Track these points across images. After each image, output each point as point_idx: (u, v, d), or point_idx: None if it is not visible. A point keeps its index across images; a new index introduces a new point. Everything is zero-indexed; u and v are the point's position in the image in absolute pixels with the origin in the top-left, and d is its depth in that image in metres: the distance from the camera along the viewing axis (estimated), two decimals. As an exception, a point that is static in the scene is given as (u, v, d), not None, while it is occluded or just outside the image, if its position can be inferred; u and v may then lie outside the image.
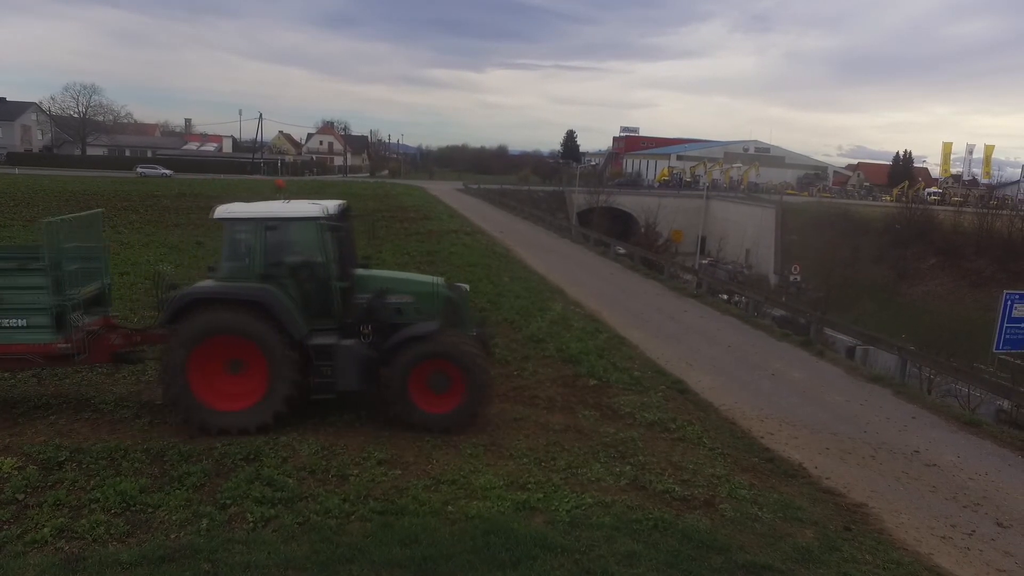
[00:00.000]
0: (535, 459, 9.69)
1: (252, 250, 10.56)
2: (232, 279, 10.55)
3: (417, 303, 11.02)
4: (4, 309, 10.17)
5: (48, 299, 10.18)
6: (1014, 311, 20.47)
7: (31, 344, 10.27)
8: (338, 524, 7.80)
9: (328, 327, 10.69)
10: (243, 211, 11.03)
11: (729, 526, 8.20)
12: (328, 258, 10.65)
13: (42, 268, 10.18)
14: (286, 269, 10.74)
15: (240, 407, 10.18)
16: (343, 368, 10.44)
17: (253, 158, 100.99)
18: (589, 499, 8.54)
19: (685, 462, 9.90)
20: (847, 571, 7.57)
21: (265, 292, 10.21)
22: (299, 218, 11.02)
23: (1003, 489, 10.32)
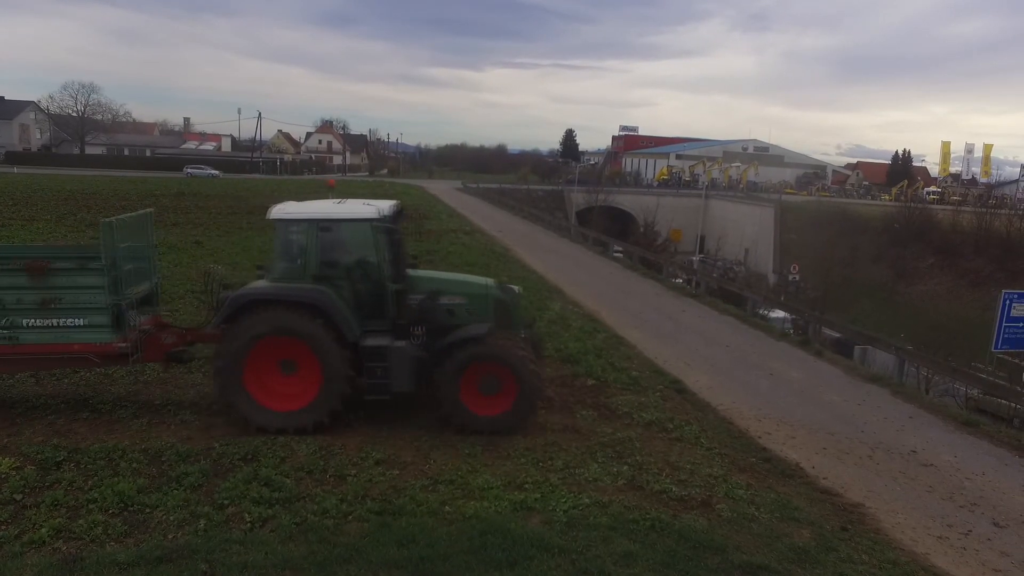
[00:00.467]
0: (533, 459, 9.70)
1: (305, 251, 10.59)
2: (285, 280, 10.59)
3: (468, 304, 11.02)
4: (63, 309, 10.21)
5: (106, 298, 10.23)
6: (1013, 310, 20.47)
7: (89, 343, 10.32)
8: (335, 524, 7.82)
9: (380, 328, 10.67)
10: (297, 212, 11.03)
11: (726, 526, 8.21)
12: (381, 259, 10.68)
13: (101, 268, 10.22)
14: (340, 270, 10.79)
15: (293, 407, 10.25)
16: (396, 369, 10.44)
17: (252, 157, 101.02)
18: (586, 499, 8.55)
19: (682, 462, 9.91)
20: (843, 571, 7.58)
21: (320, 294, 10.25)
22: (353, 219, 11.01)
23: (1000, 489, 10.34)
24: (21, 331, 10.18)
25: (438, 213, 46.60)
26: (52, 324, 10.20)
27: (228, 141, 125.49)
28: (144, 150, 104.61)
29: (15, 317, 10.14)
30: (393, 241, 10.90)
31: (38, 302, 10.13)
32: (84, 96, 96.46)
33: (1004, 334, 20.54)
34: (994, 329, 20.65)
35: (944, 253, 49.14)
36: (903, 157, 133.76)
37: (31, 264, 10.10)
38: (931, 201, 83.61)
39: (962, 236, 50.55)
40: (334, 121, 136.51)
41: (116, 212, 38.64)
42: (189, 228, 32.71)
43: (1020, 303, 20.62)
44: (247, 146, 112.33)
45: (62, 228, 31.56)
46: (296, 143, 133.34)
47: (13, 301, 10.12)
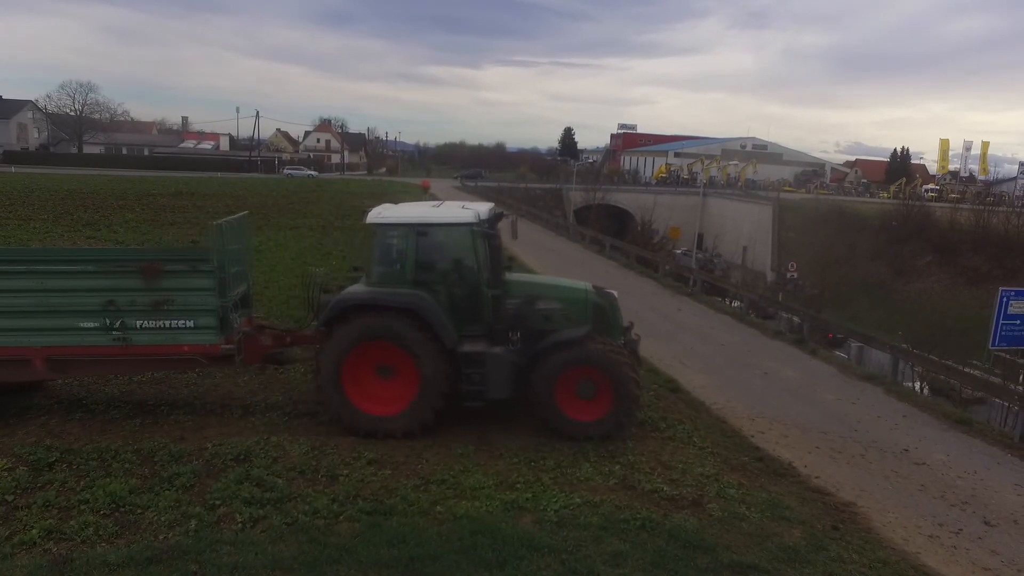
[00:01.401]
0: (525, 458, 9.72)
1: (404, 256, 10.60)
2: (384, 284, 10.60)
3: (565, 309, 10.90)
4: (174, 311, 10.29)
5: (215, 300, 10.34)
6: (1010, 308, 20.44)
7: (198, 345, 10.42)
8: (326, 524, 7.84)
9: (476, 333, 10.62)
10: (395, 216, 10.97)
11: (716, 526, 8.23)
12: (480, 264, 10.63)
13: (211, 270, 10.33)
14: (438, 275, 10.76)
15: (390, 412, 10.30)
16: (493, 376, 10.35)
17: (250, 156, 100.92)
18: (577, 499, 8.57)
19: (674, 461, 9.92)
20: (833, 571, 7.59)
21: (419, 300, 10.22)
22: (452, 223, 10.90)
23: (991, 487, 10.37)
24: (133, 332, 10.26)
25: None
26: (163, 325, 10.30)
27: (226, 140, 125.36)
28: (142, 149, 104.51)
29: (128, 318, 10.20)
30: (491, 245, 10.74)
31: (150, 304, 10.22)
32: (82, 95, 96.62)
33: (1001, 331, 20.49)
34: (991, 327, 20.68)
35: (942, 251, 49.11)
36: (902, 155, 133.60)
37: (146, 266, 10.25)
38: (929, 199, 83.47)
39: (960, 234, 50.50)
40: (332, 120, 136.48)
41: (112, 211, 38.72)
42: (187, 228, 32.66)
43: (1017, 300, 20.60)
44: (245, 145, 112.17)
45: (59, 228, 31.58)
46: (295, 142, 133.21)
47: (127, 303, 10.19)
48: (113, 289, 10.17)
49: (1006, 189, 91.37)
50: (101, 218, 35.44)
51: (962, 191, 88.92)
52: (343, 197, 53.91)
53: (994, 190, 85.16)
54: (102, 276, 10.32)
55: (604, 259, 33.49)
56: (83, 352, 10.33)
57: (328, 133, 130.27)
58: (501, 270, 11.11)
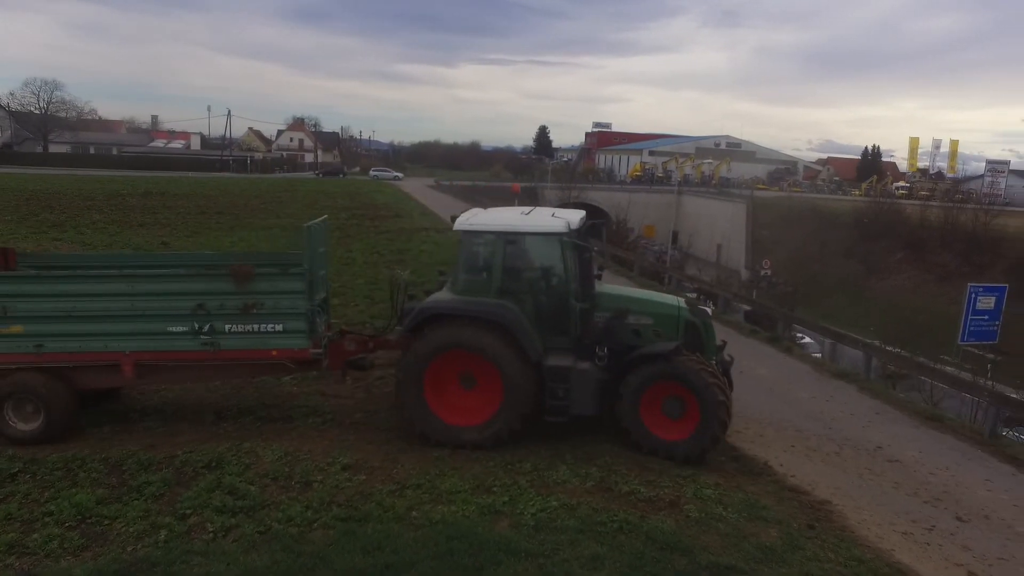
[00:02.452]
0: (502, 461, 9.64)
1: (491, 264, 10.37)
2: (469, 293, 10.36)
3: (656, 325, 10.54)
4: (263, 314, 10.19)
5: (305, 304, 10.25)
6: (978, 303, 20.84)
7: (287, 349, 10.36)
8: (300, 532, 7.71)
9: (562, 347, 10.37)
10: (483, 223, 10.78)
11: (694, 527, 8.21)
12: (568, 275, 10.37)
13: (302, 273, 10.27)
14: (525, 285, 10.55)
15: (471, 423, 10.11)
16: (578, 391, 10.09)
17: (222, 155, 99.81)
18: (554, 502, 8.50)
19: (651, 462, 9.88)
20: (809, 570, 7.60)
21: (506, 311, 9.97)
22: (541, 232, 10.59)
23: (963, 483, 10.48)
24: (222, 336, 10.18)
25: (409, 211, 46.39)
26: (252, 329, 10.21)
27: (197, 139, 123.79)
28: (110, 149, 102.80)
29: (217, 322, 10.13)
30: (581, 257, 10.52)
31: (240, 307, 10.13)
32: (47, 93, 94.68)
33: (970, 327, 20.91)
34: (960, 322, 21.01)
35: (912, 248, 49.86)
36: (873, 152, 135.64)
37: (238, 269, 10.14)
38: (900, 196, 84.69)
39: (930, 231, 51.29)
40: (306, 119, 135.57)
41: (79, 212, 38.02)
42: (156, 229, 32.23)
43: (985, 296, 21.01)
44: (217, 144, 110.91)
45: (24, 229, 30.94)
46: (267, 141, 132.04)
47: (216, 306, 10.12)
48: (203, 293, 10.11)
49: (974, 187, 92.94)
50: (68, 219, 34.81)
51: (931, 189, 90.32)
52: (316, 197, 53.52)
53: (962, 187, 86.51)
54: (192, 279, 10.32)
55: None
56: (171, 357, 10.30)
57: (301, 132, 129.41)
58: (591, 282, 10.80)
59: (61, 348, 10.06)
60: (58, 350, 10.06)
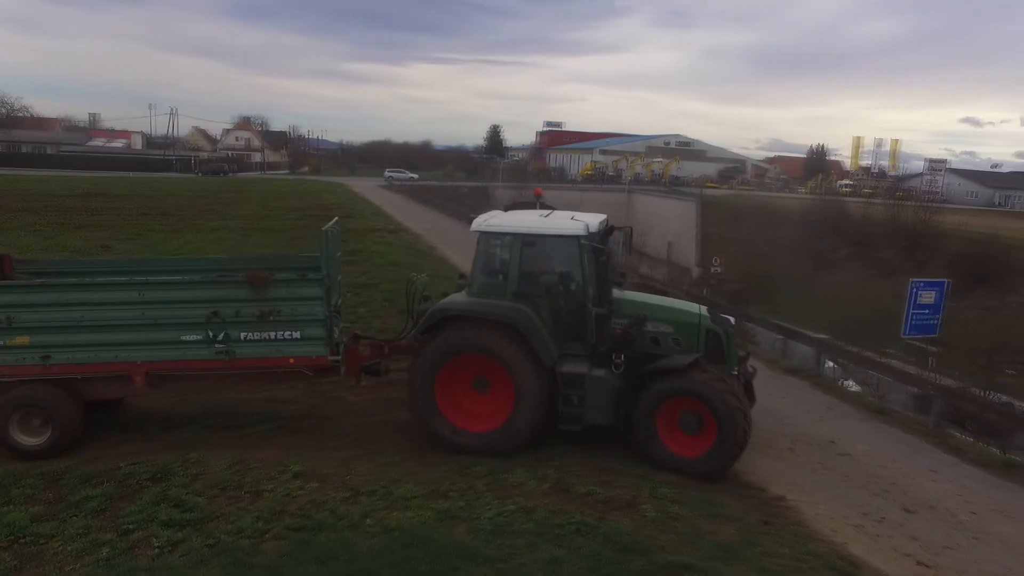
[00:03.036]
0: (458, 466, 9.52)
1: (507, 266, 10.19)
2: (485, 295, 10.22)
3: (676, 334, 10.29)
4: (280, 321, 9.97)
5: (324, 310, 10.06)
6: (920, 298, 21.33)
7: (305, 357, 10.15)
8: (251, 544, 7.47)
9: (578, 353, 10.16)
10: (500, 224, 10.55)
11: (651, 527, 8.18)
12: (586, 280, 10.12)
13: (321, 278, 10.07)
14: (541, 288, 10.37)
15: (482, 428, 9.98)
16: (592, 399, 9.87)
17: (165, 155, 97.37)
18: (512, 505, 8.40)
19: (608, 462, 9.87)
20: (765, 565, 7.63)
21: (520, 314, 9.79)
22: (559, 235, 10.36)
23: (910, 475, 10.71)
24: (237, 345, 9.96)
25: (361, 211, 45.79)
26: (268, 337, 9.99)
27: (139, 138, 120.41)
28: (45, 147, 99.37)
29: (232, 330, 9.89)
30: (599, 260, 10.25)
31: (256, 315, 9.91)
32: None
33: (912, 320, 21.36)
34: (903, 317, 21.51)
35: (857, 244, 51.13)
36: (818, 151, 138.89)
37: (253, 276, 9.92)
38: (844, 194, 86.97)
39: (873, 227, 52.71)
40: (252, 118, 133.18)
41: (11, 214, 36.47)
42: (97, 231, 31.19)
43: (926, 291, 21.53)
44: (160, 143, 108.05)
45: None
46: (213, 140, 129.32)
47: (231, 314, 9.89)
48: (217, 300, 9.89)
49: (914, 184, 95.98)
50: (1, 222, 33.47)
51: (874, 186, 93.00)
52: (266, 197, 52.54)
53: (904, 185, 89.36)
54: (206, 287, 10.05)
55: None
56: (184, 367, 10.05)
57: (248, 131, 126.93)
58: (609, 287, 10.58)
59: (69, 359, 9.80)
60: (66, 361, 9.80)
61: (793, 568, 7.67)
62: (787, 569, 7.63)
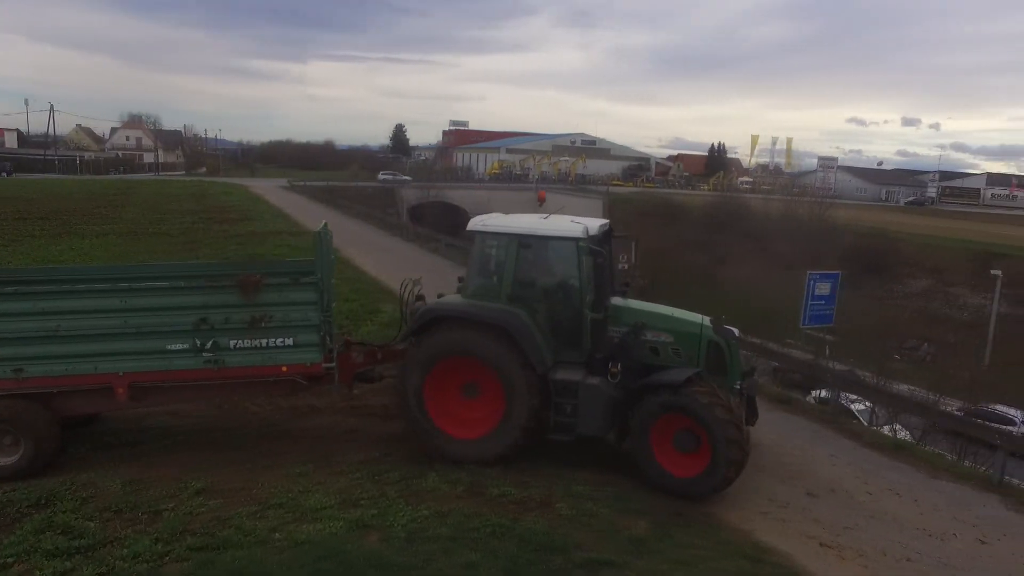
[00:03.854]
0: (369, 473, 9.26)
1: (503, 268, 9.83)
2: (479, 297, 9.88)
3: (676, 344, 9.90)
4: (273, 328, 9.50)
5: (318, 315, 9.61)
6: (816, 290, 22.35)
7: (299, 364, 9.68)
8: (150, 568, 7.00)
9: (574, 360, 9.76)
10: (497, 225, 10.18)
11: (566, 525, 8.16)
12: (583, 284, 9.75)
13: (315, 282, 9.59)
14: (537, 292, 10.01)
15: (472, 435, 9.61)
16: (586, 409, 9.45)
17: (45, 155, 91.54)
18: (425, 511, 8.22)
19: (521, 462, 9.76)
20: (679, 556, 7.74)
21: (512, 316, 9.43)
22: (556, 237, 10.03)
23: (814, 460, 11.16)
24: (226, 353, 9.46)
25: (261, 213, 44.35)
26: (259, 344, 9.53)
27: (14, 136, 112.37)
28: None
29: (221, 338, 9.40)
30: (596, 264, 9.87)
31: (247, 321, 9.44)
32: None
33: (810, 311, 22.38)
34: (801, 308, 22.44)
35: (757, 239, 53.09)
36: (718, 149, 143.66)
37: (244, 280, 9.40)
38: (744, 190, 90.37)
39: (772, 222, 54.91)
40: (144, 116, 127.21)
41: None
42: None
43: (822, 283, 22.57)
44: (39, 142, 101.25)
45: None
46: (99, 139, 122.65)
47: (220, 321, 9.41)
48: (206, 306, 9.40)
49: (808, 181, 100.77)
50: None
51: (772, 183, 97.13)
52: (158, 200, 50.19)
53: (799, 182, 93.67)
54: (193, 292, 9.50)
55: (440, 257, 33.24)
56: (170, 377, 9.53)
57: (139, 130, 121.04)
58: (606, 293, 10.23)
59: (45, 372, 9.21)
60: (42, 374, 9.21)
61: (705, 557, 7.83)
62: (700, 559, 7.78)
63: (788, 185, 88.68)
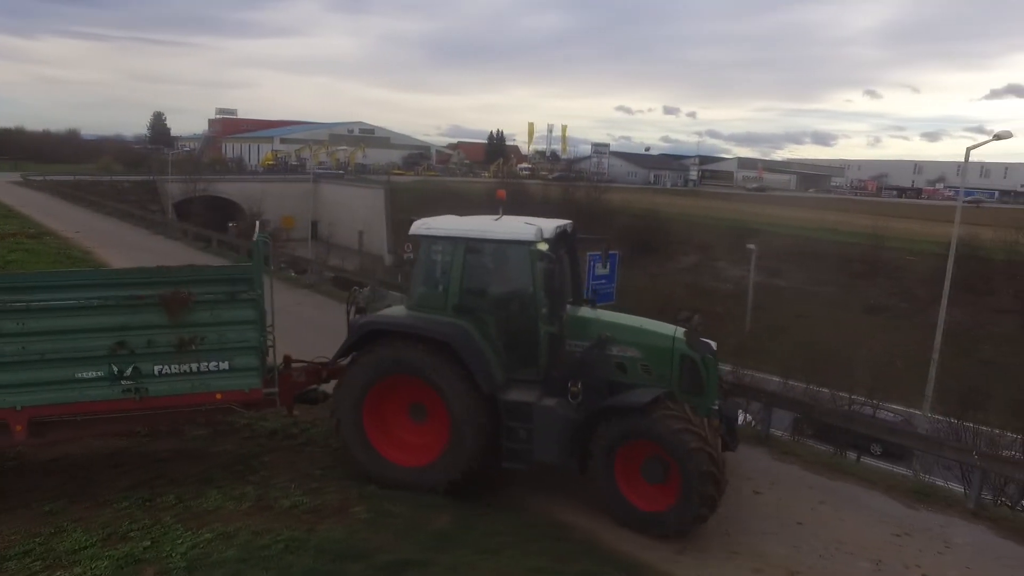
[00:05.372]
0: (138, 500, 8.26)
1: (448, 276, 8.86)
2: (423, 307, 8.96)
3: (645, 360, 8.85)
4: (203, 351, 8.42)
5: (258, 335, 8.65)
6: (596, 270, 23.53)
7: (236, 391, 8.63)
8: None
9: (531, 378, 8.78)
10: (442, 228, 9.15)
11: (365, 529, 7.77)
12: (537, 294, 8.69)
13: (255, 297, 8.56)
14: (487, 302, 9.03)
15: (418, 462, 8.72)
16: (541, 433, 8.45)
17: None
18: (208, 534, 7.44)
19: (313, 469, 9.25)
20: (485, 546, 7.65)
21: (456, 330, 8.52)
22: (506, 241, 9.03)
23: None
24: (150, 381, 8.34)
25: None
26: (190, 370, 8.44)
27: None
28: None
29: (143, 364, 8.27)
30: (550, 271, 8.68)
31: (174, 343, 8.34)
32: None
33: (591, 291, 23.49)
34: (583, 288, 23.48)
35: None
36: (497, 137, 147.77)
37: (170, 297, 8.28)
38: (524, 177, 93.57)
39: (552, 207, 57.22)
40: None
41: None
42: None
43: (599, 263, 23.82)
44: None
45: None
46: None
47: (142, 344, 8.27)
48: (124, 327, 8.23)
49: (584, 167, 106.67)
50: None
51: (550, 169, 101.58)
52: None
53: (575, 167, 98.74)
54: (109, 312, 8.21)
55: (211, 256, 30.92)
56: (80, 410, 8.33)
57: None
58: (562, 303, 9.12)
59: None
60: None
61: (511, 543, 7.78)
62: (505, 545, 7.72)
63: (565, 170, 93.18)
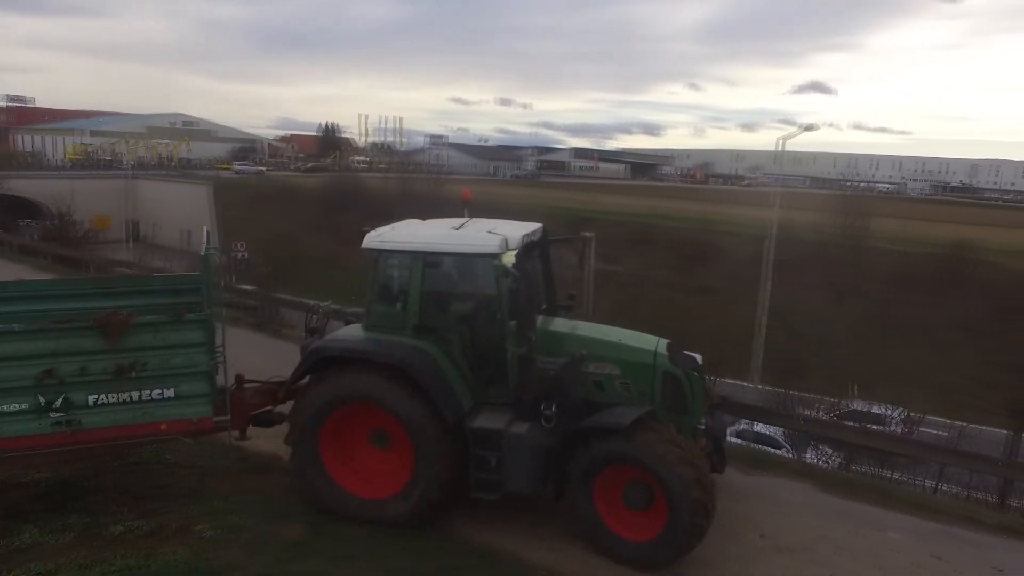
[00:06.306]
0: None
1: (406, 293, 8.25)
2: (380, 328, 8.33)
3: (624, 377, 8.24)
4: (145, 378, 7.66)
5: (207, 359, 7.93)
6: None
7: (183, 420, 7.89)
8: None
9: (503, 400, 8.16)
10: (398, 241, 8.44)
11: (211, 547, 7.30)
12: (503, 310, 8.00)
13: (204, 318, 7.86)
14: (450, 320, 8.51)
15: (382, 494, 8.13)
16: (512, 462, 7.81)
17: None
18: (24, 575, 6.67)
19: (146, 489, 8.60)
20: (340, 552, 7.48)
21: (415, 355, 7.92)
22: (467, 253, 8.35)
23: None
24: (83, 412, 7.54)
25: None
26: (130, 399, 7.69)
27: None
28: None
29: (75, 394, 7.48)
30: (519, 285, 7.69)
31: (111, 370, 7.58)
32: None
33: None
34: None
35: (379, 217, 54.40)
36: (330, 129, 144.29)
37: (107, 320, 7.50)
38: (360, 169, 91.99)
39: (392, 199, 56.57)
40: None
41: None
42: None
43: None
44: None
45: None
46: None
47: (74, 372, 7.46)
48: (53, 354, 7.41)
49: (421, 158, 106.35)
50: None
51: (387, 161, 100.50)
52: None
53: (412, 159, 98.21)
54: (34, 337, 7.40)
55: (13, 263, 27.97)
56: (4, 447, 7.42)
57: None
58: (532, 319, 8.22)
59: None
60: None
61: (367, 548, 7.64)
62: (362, 549, 7.58)
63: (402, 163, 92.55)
